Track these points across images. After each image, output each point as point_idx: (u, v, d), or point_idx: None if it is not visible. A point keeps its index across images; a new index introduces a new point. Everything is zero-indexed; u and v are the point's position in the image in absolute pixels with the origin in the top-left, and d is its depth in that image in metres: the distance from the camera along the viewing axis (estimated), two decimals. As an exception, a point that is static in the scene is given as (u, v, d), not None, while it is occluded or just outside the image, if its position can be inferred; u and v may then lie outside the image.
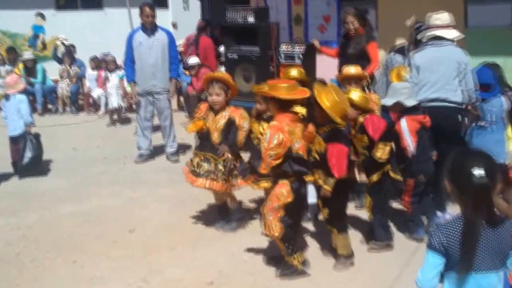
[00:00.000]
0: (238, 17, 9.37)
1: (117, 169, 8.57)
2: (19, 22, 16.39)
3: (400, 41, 9.43)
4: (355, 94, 5.35)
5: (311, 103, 5.15)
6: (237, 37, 9.36)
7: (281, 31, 10.08)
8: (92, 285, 4.98)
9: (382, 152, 5.13)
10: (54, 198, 7.28)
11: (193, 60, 10.92)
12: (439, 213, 5.79)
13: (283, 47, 9.19)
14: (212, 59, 11.24)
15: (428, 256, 2.81)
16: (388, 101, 5.63)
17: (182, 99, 12.41)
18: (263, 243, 5.48)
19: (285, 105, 4.79)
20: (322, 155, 4.86)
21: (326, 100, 4.74)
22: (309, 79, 6.35)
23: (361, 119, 5.26)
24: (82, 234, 6.09)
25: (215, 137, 5.81)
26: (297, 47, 9.07)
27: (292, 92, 4.80)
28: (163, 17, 15.85)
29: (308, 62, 8.68)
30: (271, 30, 9.16)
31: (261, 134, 5.44)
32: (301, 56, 8.87)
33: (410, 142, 5.47)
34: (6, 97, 8.31)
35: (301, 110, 5.72)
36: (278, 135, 4.61)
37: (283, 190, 4.72)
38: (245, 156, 6.05)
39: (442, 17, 6.11)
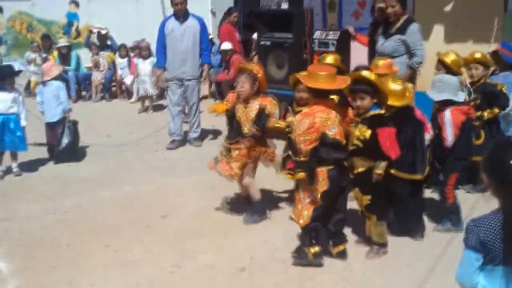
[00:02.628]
0: (272, 3, 9.38)
1: (149, 155, 8.70)
2: (54, 9, 16.61)
3: None
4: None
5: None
6: (270, 24, 9.37)
7: (315, 17, 10.04)
8: (126, 270, 5.08)
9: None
10: (89, 183, 7.43)
11: (225, 45, 10.97)
12: None
13: (317, 34, 9.17)
14: (234, 46, 11.31)
15: (464, 252, 2.79)
16: (436, 96, 5.54)
17: (213, 86, 12.49)
18: (296, 230, 5.52)
19: (323, 95, 4.82)
20: (366, 142, 4.83)
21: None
22: (345, 66, 6.30)
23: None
24: (116, 219, 6.22)
25: (246, 129, 5.82)
26: (331, 34, 9.05)
27: (332, 81, 4.78)
28: (202, 5, 15.92)
29: (342, 49, 8.66)
30: (305, 17, 9.15)
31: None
32: (335, 43, 8.85)
33: (449, 134, 5.40)
34: (43, 83, 8.49)
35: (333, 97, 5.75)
36: (308, 119, 4.65)
37: (320, 178, 4.74)
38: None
39: None
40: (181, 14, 8.81)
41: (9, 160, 7.88)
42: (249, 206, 6.15)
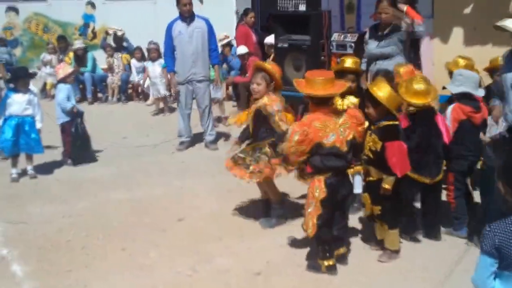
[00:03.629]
0: (289, 5, 9.38)
1: (166, 158, 8.73)
2: (70, 11, 16.72)
3: None
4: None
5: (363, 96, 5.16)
6: (288, 26, 9.37)
7: (333, 19, 10.03)
8: (141, 273, 5.11)
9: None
10: (104, 186, 7.48)
11: (241, 49, 10.98)
12: None
13: (335, 36, 9.17)
14: (250, 48, 11.32)
15: (480, 258, 2.79)
16: (455, 89, 5.53)
17: (230, 88, 12.50)
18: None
19: (321, 101, 4.78)
20: (376, 153, 4.84)
21: (380, 92, 4.75)
22: (363, 70, 6.29)
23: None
24: (131, 222, 6.25)
25: (251, 126, 5.87)
26: (349, 36, 9.04)
27: (330, 86, 4.76)
28: (226, 6, 15.95)
29: (360, 52, 8.63)
30: (323, 19, 9.14)
31: None
32: (353, 45, 8.83)
33: (443, 129, 5.40)
34: (56, 86, 8.58)
35: (352, 101, 5.75)
36: (302, 130, 4.62)
37: (316, 186, 4.74)
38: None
39: None
40: (188, 15, 8.85)
41: (24, 163, 7.95)
42: (267, 209, 6.15)
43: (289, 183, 6.50)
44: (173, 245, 5.64)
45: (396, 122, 4.88)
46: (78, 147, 8.39)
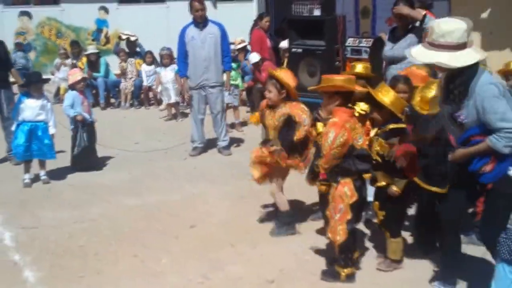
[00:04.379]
0: (304, 10, 9.40)
1: (178, 163, 8.76)
2: (83, 15, 16.85)
3: None
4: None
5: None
6: (302, 31, 9.39)
7: (347, 24, 10.05)
8: (153, 280, 5.13)
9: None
10: (117, 191, 7.52)
11: (254, 57, 11.00)
12: None
13: (350, 41, 9.17)
14: (265, 52, 11.34)
15: (498, 267, 2.77)
16: None
17: (244, 93, 12.52)
18: (326, 242, 5.53)
19: (346, 99, 4.82)
20: (384, 157, 4.83)
21: (385, 96, 4.77)
22: (373, 75, 6.25)
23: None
24: (143, 228, 6.28)
25: (272, 135, 5.84)
26: (364, 41, 9.03)
27: (352, 84, 4.85)
28: (247, 11, 15.99)
29: (376, 57, 8.63)
30: (338, 23, 9.16)
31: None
32: (368, 50, 8.83)
33: None
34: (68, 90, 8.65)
35: (364, 107, 5.73)
36: (343, 133, 4.62)
37: (346, 189, 4.73)
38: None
39: (448, 30, 4.28)
40: (201, 21, 8.91)
41: (37, 168, 8.01)
42: (276, 215, 6.15)
43: (300, 190, 6.52)
44: (185, 251, 5.66)
45: (403, 125, 4.88)
46: (76, 156, 8.40)
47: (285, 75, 5.83)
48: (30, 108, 7.76)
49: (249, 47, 12.32)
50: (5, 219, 6.66)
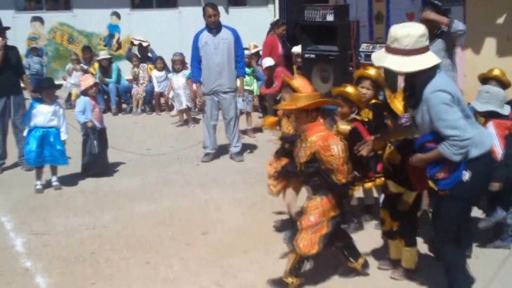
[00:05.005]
0: (317, 16, 9.41)
1: (190, 169, 8.77)
2: (95, 21, 16.95)
3: None
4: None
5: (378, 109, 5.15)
6: (315, 36, 9.41)
7: (361, 29, 10.05)
8: (165, 287, 5.13)
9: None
10: (128, 197, 7.54)
11: (267, 62, 11.01)
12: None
13: (363, 46, 9.17)
14: (275, 58, 11.34)
15: None
16: (480, 107, 5.48)
17: (256, 99, 12.52)
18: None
19: (317, 112, 4.76)
20: (395, 166, 4.81)
21: (400, 104, 4.71)
22: (385, 83, 6.19)
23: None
24: (155, 234, 6.27)
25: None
26: (378, 47, 9.03)
27: (314, 99, 4.74)
28: (259, 16, 16.04)
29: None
30: (351, 29, 9.16)
31: None
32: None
33: (497, 145, 5.34)
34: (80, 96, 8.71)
35: (367, 114, 5.73)
36: (337, 141, 4.65)
37: (329, 203, 4.71)
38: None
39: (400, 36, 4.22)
40: (215, 27, 8.93)
41: (49, 174, 8.05)
42: (293, 223, 6.12)
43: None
44: (198, 258, 5.65)
45: (416, 135, 4.79)
46: (86, 163, 8.44)
47: (302, 84, 5.80)
48: (42, 114, 7.79)
49: (261, 53, 12.34)
50: (16, 225, 6.69)
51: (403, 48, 4.16)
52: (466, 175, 4.16)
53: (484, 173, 4.29)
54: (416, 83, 4.23)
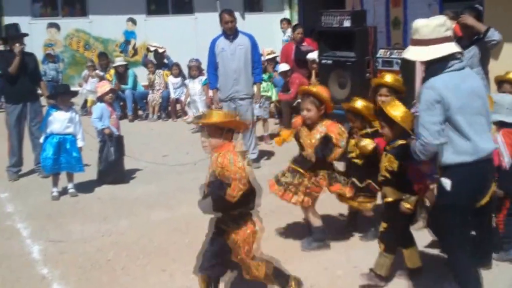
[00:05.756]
0: (334, 22, 9.39)
1: (206, 176, 8.73)
2: (111, 27, 17.10)
3: None
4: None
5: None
6: (332, 42, 9.39)
7: (378, 35, 10.01)
8: (182, 295, 5.14)
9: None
10: (145, 204, 7.57)
11: (283, 66, 11.01)
12: None
13: (381, 52, 9.13)
14: (290, 63, 11.35)
15: None
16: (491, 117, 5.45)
17: (273, 105, 12.53)
18: (358, 258, 5.48)
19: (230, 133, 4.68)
20: (394, 173, 4.81)
21: (395, 111, 4.73)
22: (404, 89, 6.14)
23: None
24: (172, 242, 6.29)
25: (309, 153, 5.77)
26: (396, 53, 8.99)
27: (231, 118, 4.68)
28: (275, 22, 16.02)
29: (407, 69, 8.57)
30: (368, 34, 9.13)
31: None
32: (399, 61, 8.78)
33: (505, 154, 5.30)
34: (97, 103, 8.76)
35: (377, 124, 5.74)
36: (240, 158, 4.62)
37: (249, 232, 4.66)
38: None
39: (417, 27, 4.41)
40: (231, 33, 8.95)
41: (65, 181, 8.09)
42: (309, 231, 6.12)
43: (331, 205, 6.48)
44: (215, 266, 5.64)
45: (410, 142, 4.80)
46: (102, 170, 8.50)
47: (322, 90, 5.81)
48: (59, 121, 7.84)
49: (278, 59, 12.37)
50: (33, 232, 6.73)
51: (422, 38, 4.29)
52: (448, 184, 4.23)
53: (469, 182, 4.27)
54: (426, 75, 4.36)
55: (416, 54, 4.38)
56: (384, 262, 5.01)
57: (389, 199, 4.90)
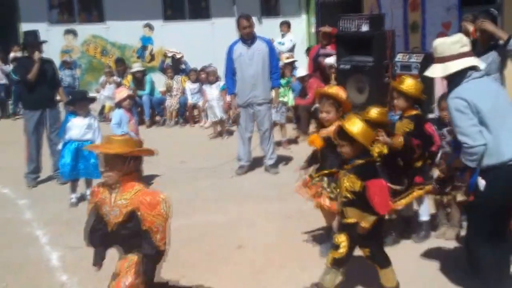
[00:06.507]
0: (351, 26, 9.38)
1: (224, 182, 8.78)
2: (128, 33, 17.20)
3: None
4: None
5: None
6: (350, 47, 9.38)
7: (396, 39, 9.99)
8: (200, 302, 5.14)
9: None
10: (162, 211, 7.56)
11: (300, 71, 11.00)
12: None
13: (399, 57, 9.11)
14: (309, 67, 11.35)
15: None
16: None
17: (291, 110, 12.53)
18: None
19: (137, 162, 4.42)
20: (356, 193, 4.64)
21: (354, 128, 4.58)
22: (418, 93, 6.10)
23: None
24: (190, 249, 6.29)
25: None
26: (415, 57, 8.96)
27: (134, 146, 4.39)
28: (293, 26, 16.04)
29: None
30: (386, 39, 9.11)
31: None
32: (418, 66, 8.75)
33: None
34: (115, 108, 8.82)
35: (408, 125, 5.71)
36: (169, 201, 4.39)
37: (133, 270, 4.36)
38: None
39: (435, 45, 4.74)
40: (249, 38, 8.98)
41: (83, 187, 8.15)
42: (329, 237, 6.07)
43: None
44: (233, 273, 5.65)
45: (373, 159, 4.77)
46: None
47: (340, 91, 5.81)
48: (77, 127, 7.89)
49: (296, 64, 12.36)
50: (52, 239, 6.78)
51: (439, 55, 4.61)
52: (482, 185, 4.38)
53: (501, 186, 4.38)
54: (449, 87, 4.59)
55: (433, 71, 4.68)
56: (388, 275, 4.88)
57: (351, 220, 4.71)
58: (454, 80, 4.51)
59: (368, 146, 4.67)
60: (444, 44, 4.59)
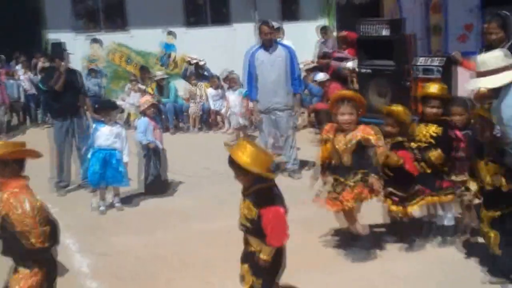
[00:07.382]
0: (372, 30, 9.44)
1: (248, 188, 8.84)
2: (151, 41, 17.35)
3: None
4: None
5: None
6: (370, 51, 9.44)
7: (418, 43, 10.00)
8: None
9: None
10: (187, 217, 7.70)
11: (320, 76, 11.07)
12: None
13: (420, 60, 9.13)
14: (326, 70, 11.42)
15: None
16: None
17: (312, 115, 12.60)
18: (403, 270, 5.52)
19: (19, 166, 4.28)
20: (253, 221, 4.33)
21: (244, 155, 4.28)
22: (451, 96, 6.19)
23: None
24: (212, 254, 6.38)
25: (346, 159, 5.82)
26: (436, 60, 8.96)
27: (13, 148, 4.27)
28: (312, 31, 16.08)
29: (448, 77, 8.54)
30: (407, 42, 9.15)
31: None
32: (440, 69, 8.74)
33: None
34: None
35: (435, 130, 5.77)
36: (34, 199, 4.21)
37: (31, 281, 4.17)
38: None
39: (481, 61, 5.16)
40: (270, 44, 9.04)
41: (110, 195, 8.30)
42: (354, 241, 6.14)
43: (368, 214, 6.49)
44: (257, 278, 5.72)
45: (270, 184, 4.43)
46: (149, 184, 8.72)
47: (358, 95, 5.92)
48: (105, 136, 8.03)
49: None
50: (81, 247, 6.91)
51: (487, 69, 4.97)
52: None
53: None
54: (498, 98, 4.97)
55: (486, 82, 5.01)
56: None
57: (254, 249, 4.44)
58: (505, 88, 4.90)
59: (263, 172, 4.27)
60: (493, 59, 4.99)
